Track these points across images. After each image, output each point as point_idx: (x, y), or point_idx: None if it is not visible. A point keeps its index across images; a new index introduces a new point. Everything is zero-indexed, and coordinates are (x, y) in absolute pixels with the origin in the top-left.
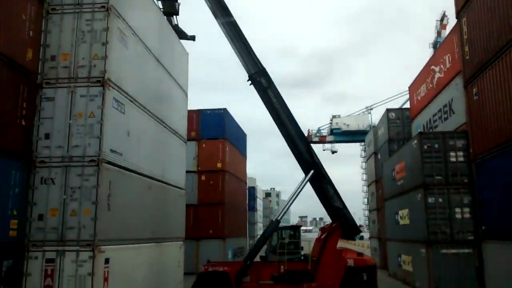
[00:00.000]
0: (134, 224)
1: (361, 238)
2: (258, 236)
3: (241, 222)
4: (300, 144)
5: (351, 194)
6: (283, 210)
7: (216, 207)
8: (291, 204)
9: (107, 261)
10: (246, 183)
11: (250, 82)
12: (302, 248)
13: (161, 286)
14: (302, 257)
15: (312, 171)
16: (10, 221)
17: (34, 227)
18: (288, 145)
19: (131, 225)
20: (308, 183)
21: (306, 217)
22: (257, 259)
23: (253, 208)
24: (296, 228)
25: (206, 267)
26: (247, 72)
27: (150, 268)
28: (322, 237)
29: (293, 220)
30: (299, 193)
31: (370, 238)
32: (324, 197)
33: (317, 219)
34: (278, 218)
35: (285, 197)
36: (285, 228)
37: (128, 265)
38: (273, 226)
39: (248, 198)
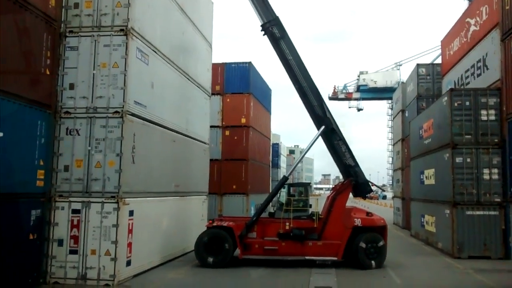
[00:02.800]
0: (158, 177)
1: (384, 197)
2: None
3: (264, 179)
4: (312, 99)
5: (375, 153)
6: (294, 166)
7: (239, 162)
8: (300, 160)
9: (131, 213)
10: (270, 140)
11: (263, 32)
12: (310, 206)
13: (184, 238)
14: (310, 215)
15: (323, 127)
16: (37, 171)
17: (60, 178)
18: (301, 99)
19: (155, 178)
20: (321, 139)
21: (329, 175)
22: (266, 215)
23: (276, 165)
24: (305, 186)
25: (210, 222)
26: (260, 21)
27: (173, 221)
28: (332, 195)
29: (317, 178)
30: (309, 148)
31: (393, 197)
32: (335, 154)
33: (340, 178)
34: (287, 175)
35: (309, 155)
36: (294, 185)
37: (151, 217)
38: (281, 183)
39: (271, 154)
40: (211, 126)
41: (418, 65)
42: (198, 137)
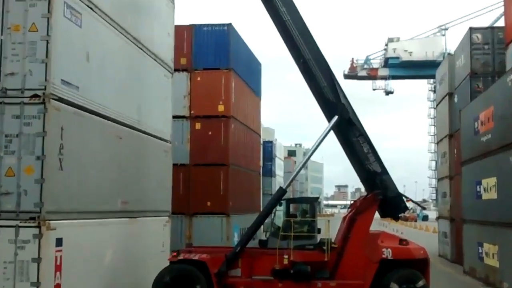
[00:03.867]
0: (98, 190)
1: (425, 218)
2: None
3: (253, 192)
4: (320, 78)
5: (412, 156)
6: (295, 173)
7: (216, 169)
8: (303, 165)
9: (59, 241)
10: (260, 136)
11: None
12: (319, 231)
13: (137, 277)
14: (318, 244)
15: (335, 117)
16: None
17: None
18: (305, 78)
19: (93, 192)
20: (334, 135)
21: (345, 187)
22: (255, 244)
23: (270, 172)
24: (311, 202)
25: (175, 254)
26: None
27: (120, 253)
28: (349, 214)
29: (328, 191)
30: (316, 149)
31: (438, 218)
32: (354, 157)
33: (362, 191)
34: (284, 187)
35: (317, 158)
36: (296, 200)
37: (88, 248)
38: (276, 198)
39: (263, 157)
40: (174, 117)
41: (471, 30)
42: (156, 132)
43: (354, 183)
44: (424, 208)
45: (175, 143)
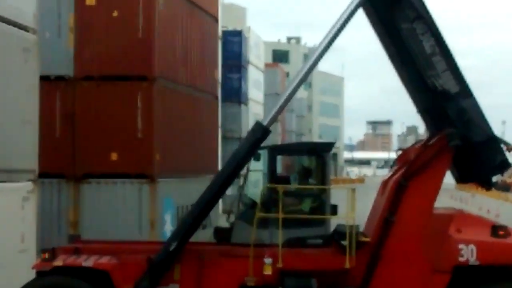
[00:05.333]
0: None
1: None
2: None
3: (203, 135)
4: None
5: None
6: (286, 95)
7: (129, 87)
8: (302, 82)
9: None
10: (218, 22)
11: None
12: (334, 211)
13: None
14: (333, 236)
15: None
16: None
17: None
18: None
19: None
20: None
21: (387, 123)
22: (210, 236)
23: (237, 95)
24: (319, 153)
25: (45, 256)
26: None
27: None
28: (395, 177)
29: (353, 132)
30: (328, 46)
31: None
32: (406, 61)
33: (421, 132)
34: (265, 123)
35: (330, 66)
36: (287, 150)
37: None
38: (250, 146)
39: (223, 65)
40: None
41: None
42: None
43: (404, 117)
44: None
45: (46, 34)
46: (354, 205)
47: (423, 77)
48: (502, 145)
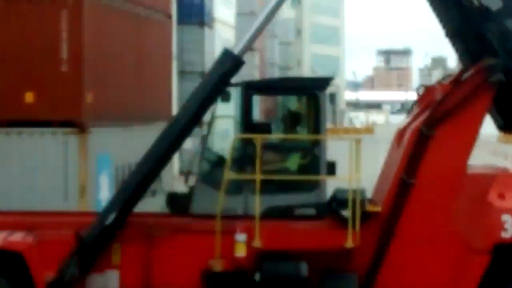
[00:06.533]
0: None
1: None
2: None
3: (152, 69)
4: None
5: None
6: (261, 21)
7: (49, 3)
8: None
9: None
10: None
11: None
12: (331, 170)
13: None
14: (329, 205)
15: None
16: None
17: None
18: None
19: None
20: None
21: (406, 53)
22: (164, 205)
23: (199, 15)
24: (310, 91)
25: None
26: None
27: None
28: (415, 125)
29: (358, 67)
30: None
31: None
32: None
33: (451, 66)
34: (237, 51)
35: None
36: (267, 88)
37: None
38: (217, 80)
39: None
40: None
41: None
42: None
43: (427, 45)
44: None
45: None
46: (359, 162)
47: None
48: None
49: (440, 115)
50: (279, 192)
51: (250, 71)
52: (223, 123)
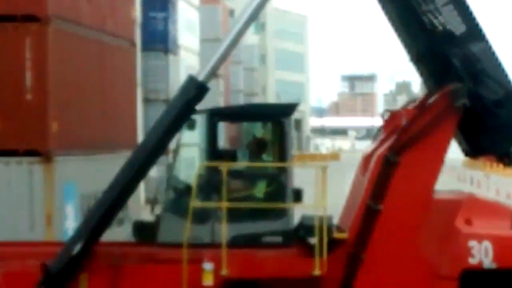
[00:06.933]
0: None
1: None
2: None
3: (118, 96)
4: None
5: None
6: (225, 46)
7: (14, 32)
8: (251, 20)
9: None
10: None
11: None
12: (298, 197)
13: None
14: (297, 232)
15: None
16: None
17: None
18: None
19: None
20: None
21: (372, 78)
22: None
23: (163, 41)
24: (276, 118)
25: None
26: None
27: None
28: (380, 151)
29: (324, 94)
30: None
31: None
32: None
33: (415, 91)
34: (201, 78)
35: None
36: (233, 115)
37: None
38: (182, 107)
39: None
40: None
41: None
42: None
43: (392, 70)
44: None
45: None
46: (326, 189)
47: (417, 13)
48: None
49: (406, 141)
50: (246, 220)
51: (214, 98)
52: (189, 151)
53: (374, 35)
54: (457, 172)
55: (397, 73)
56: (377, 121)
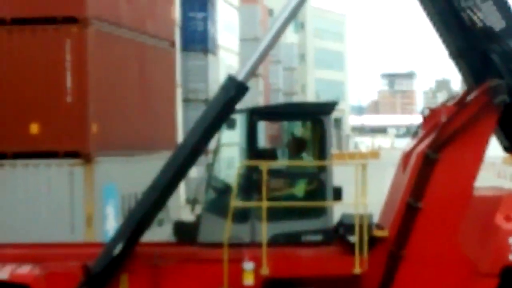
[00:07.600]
0: None
1: None
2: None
3: (156, 97)
4: None
5: None
6: (263, 47)
7: (53, 33)
8: (288, 21)
9: None
10: None
11: None
12: (338, 195)
13: None
14: (336, 230)
15: None
16: None
17: None
18: None
19: None
20: None
21: (409, 76)
22: (170, 234)
23: (203, 41)
24: (315, 117)
25: None
26: None
27: None
28: (420, 148)
29: (360, 89)
30: None
31: None
32: None
33: (455, 89)
34: (240, 78)
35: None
36: (272, 114)
37: None
38: (222, 108)
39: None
40: None
41: None
42: None
43: (432, 68)
44: None
45: None
46: (366, 187)
47: (456, 9)
48: None
49: (445, 138)
50: (286, 218)
51: (254, 97)
52: (229, 151)
53: (414, 33)
54: (497, 168)
55: (436, 70)
56: (417, 119)
